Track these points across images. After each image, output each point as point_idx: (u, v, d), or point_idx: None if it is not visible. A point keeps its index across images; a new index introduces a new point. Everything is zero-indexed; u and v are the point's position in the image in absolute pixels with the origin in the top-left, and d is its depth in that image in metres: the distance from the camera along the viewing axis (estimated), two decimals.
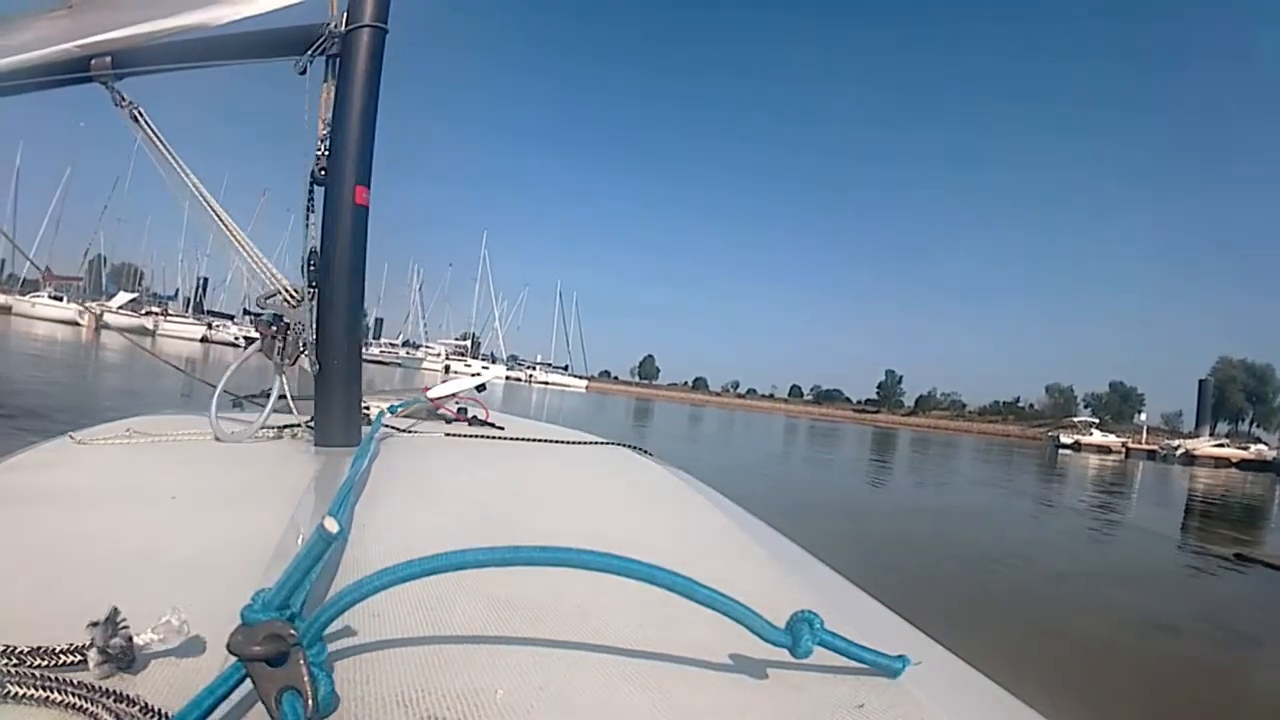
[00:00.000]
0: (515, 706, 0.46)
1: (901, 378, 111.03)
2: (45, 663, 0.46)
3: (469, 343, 70.01)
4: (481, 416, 1.89)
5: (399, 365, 51.61)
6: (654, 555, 0.51)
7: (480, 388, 2.11)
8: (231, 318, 54.18)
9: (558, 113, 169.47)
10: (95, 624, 0.46)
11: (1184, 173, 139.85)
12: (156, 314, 46.66)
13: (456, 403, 1.96)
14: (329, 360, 1.41)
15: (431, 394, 1.97)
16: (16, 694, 0.43)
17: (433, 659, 0.52)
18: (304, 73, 1.44)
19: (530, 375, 67.28)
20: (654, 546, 0.90)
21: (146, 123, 1.53)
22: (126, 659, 0.46)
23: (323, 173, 1.41)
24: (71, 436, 1.29)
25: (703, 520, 1.09)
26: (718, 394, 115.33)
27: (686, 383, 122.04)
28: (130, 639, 0.47)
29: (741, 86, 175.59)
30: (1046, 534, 9.05)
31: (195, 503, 0.95)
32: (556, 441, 1.63)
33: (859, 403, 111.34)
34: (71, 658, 0.47)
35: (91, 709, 0.42)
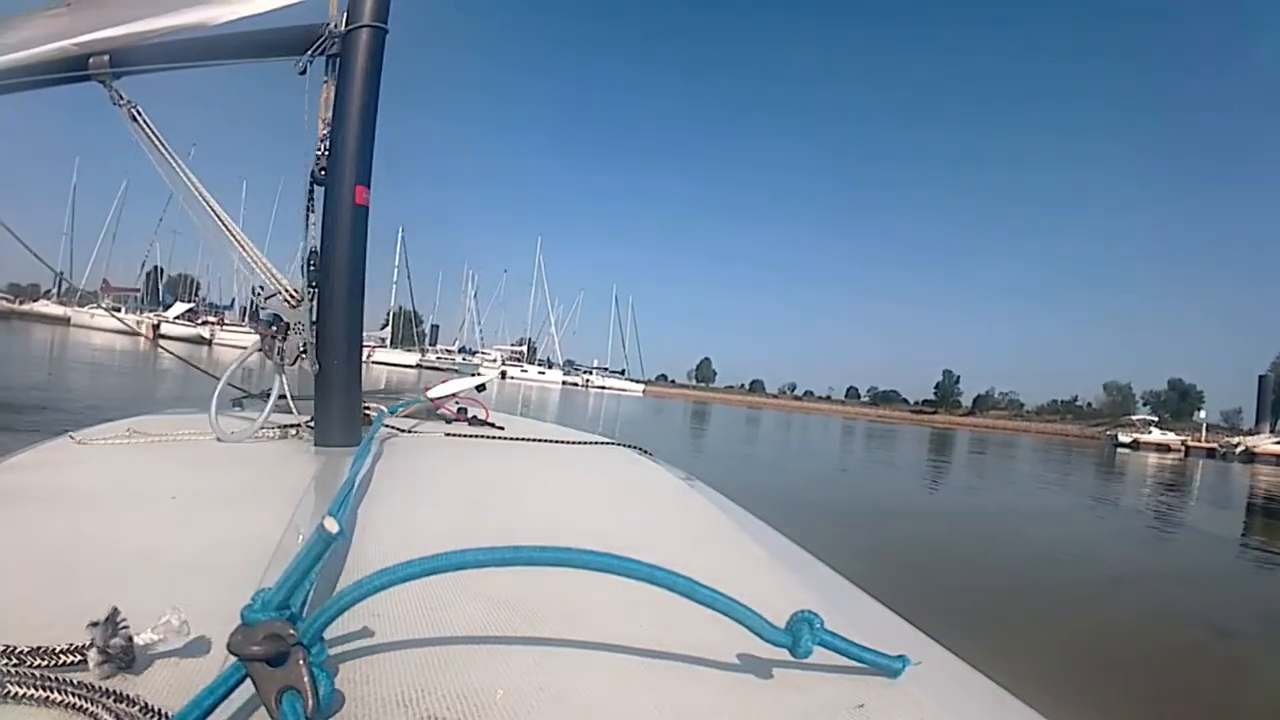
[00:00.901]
0: (515, 706, 0.46)
1: (959, 378, 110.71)
2: (45, 663, 0.46)
3: (525, 348, 70.51)
4: (481, 416, 1.89)
5: (455, 371, 51.86)
6: (654, 555, 0.51)
7: (480, 388, 2.11)
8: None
9: (610, 117, 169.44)
10: (95, 624, 0.46)
11: (1246, 166, 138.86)
12: (213, 323, 47.54)
13: (456, 403, 1.95)
14: (329, 360, 1.41)
15: (431, 394, 1.97)
16: (16, 694, 0.43)
17: (433, 659, 0.52)
18: (304, 73, 1.44)
19: (587, 380, 67.33)
20: (654, 546, 0.90)
21: (145, 122, 1.53)
22: (126, 659, 0.46)
23: (323, 172, 1.41)
24: (72, 436, 1.29)
25: (703, 520, 1.09)
26: (774, 396, 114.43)
27: (743, 385, 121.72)
28: (130, 639, 0.47)
29: (790, 91, 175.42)
30: (1103, 534, 8.87)
31: (195, 503, 0.95)
32: (557, 441, 1.63)
33: (916, 403, 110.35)
34: (71, 658, 0.47)
35: (91, 709, 0.42)
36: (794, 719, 0.49)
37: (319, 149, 1.42)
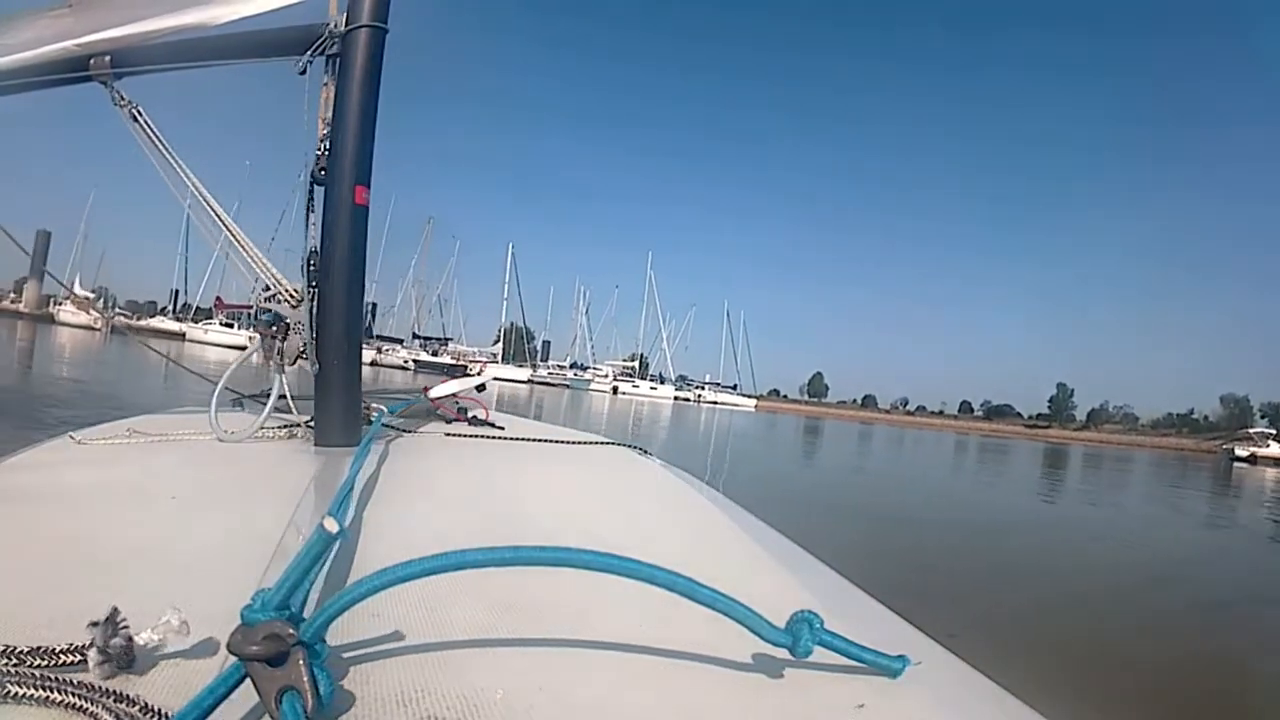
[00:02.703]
0: (515, 706, 0.46)
1: (1073, 391, 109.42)
2: (45, 663, 0.46)
3: (637, 363, 71.00)
4: (481, 416, 1.89)
5: (567, 387, 52.86)
6: (654, 555, 0.51)
7: (480, 388, 2.11)
8: (400, 341, 56.90)
9: (718, 134, 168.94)
10: (95, 624, 0.46)
11: None
12: None
13: (456, 403, 1.95)
14: (329, 360, 1.41)
15: (431, 394, 1.97)
16: (16, 694, 0.43)
17: (433, 659, 0.52)
18: (304, 73, 1.44)
19: (699, 395, 67.60)
20: (654, 547, 0.90)
21: (145, 123, 1.53)
22: (126, 659, 0.46)
23: (323, 172, 1.41)
24: (72, 436, 1.29)
25: (703, 520, 1.09)
26: (886, 411, 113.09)
27: (855, 400, 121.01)
28: (130, 639, 0.47)
29: (906, 105, 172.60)
30: (1214, 555, 8.41)
31: (195, 502, 0.95)
32: (557, 441, 1.63)
33: (1030, 418, 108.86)
34: (71, 658, 0.47)
35: (91, 709, 0.42)
36: (794, 719, 0.49)
37: (319, 149, 1.42)
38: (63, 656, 0.47)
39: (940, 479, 15.11)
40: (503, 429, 1.75)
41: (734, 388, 75.15)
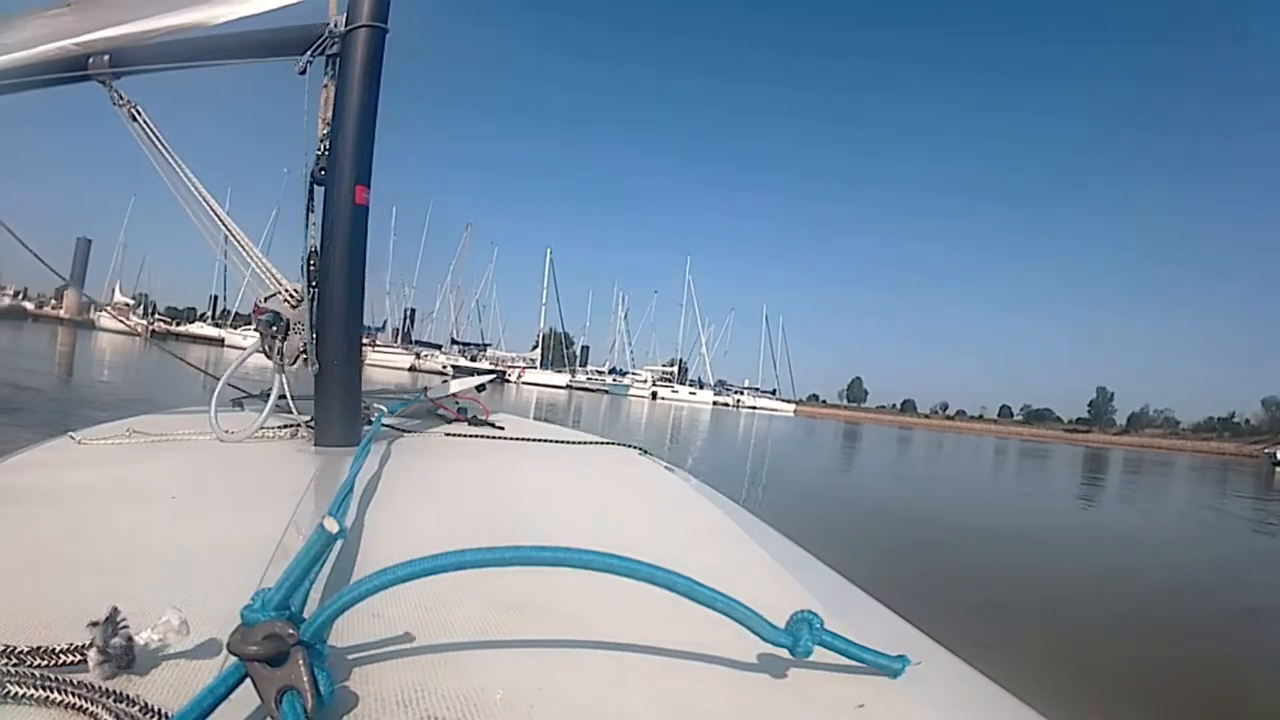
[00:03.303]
0: (515, 706, 0.46)
1: (1113, 395, 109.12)
2: (45, 663, 0.46)
3: (676, 368, 71.18)
4: (481, 416, 1.89)
5: (605, 392, 52.78)
6: (654, 555, 0.51)
7: (480, 388, 2.11)
8: (439, 347, 56.92)
9: (757, 139, 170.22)
10: (95, 624, 0.46)
11: None
12: (365, 344, 48.68)
13: (456, 403, 1.95)
14: (328, 360, 1.41)
15: (431, 394, 1.97)
16: (16, 694, 0.43)
17: (433, 659, 0.52)
18: (304, 72, 1.44)
19: (738, 400, 67.74)
20: (654, 547, 0.90)
21: (145, 122, 1.53)
22: (126, 659, 0.46)
23: (323, 172, 1.41)
24: (72, 436, 1.29)
25: (703, 520, 1.09)
26: (926, 416, 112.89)
27: (895, 405, 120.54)
28: (130, 639, 0.47)
29: (945, 110, 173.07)
30: (1251, 561, 8.22)
31: (195, 503, 0.95)
32: (556, 441, 1.63)
33: (1070, 422, 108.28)
34: (71, 658, 0.46)
35: (91, 709, 0.42)
36: (794, 719, 0.49)
37: (319, 149, 1.42)
38: (63, 656, 0.47)
39: (982, 486, 14.77)
40: (503, 429, 1.75)
41: (773, 392, 75.46)
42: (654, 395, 58.38)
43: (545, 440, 1.64)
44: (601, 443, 1.67)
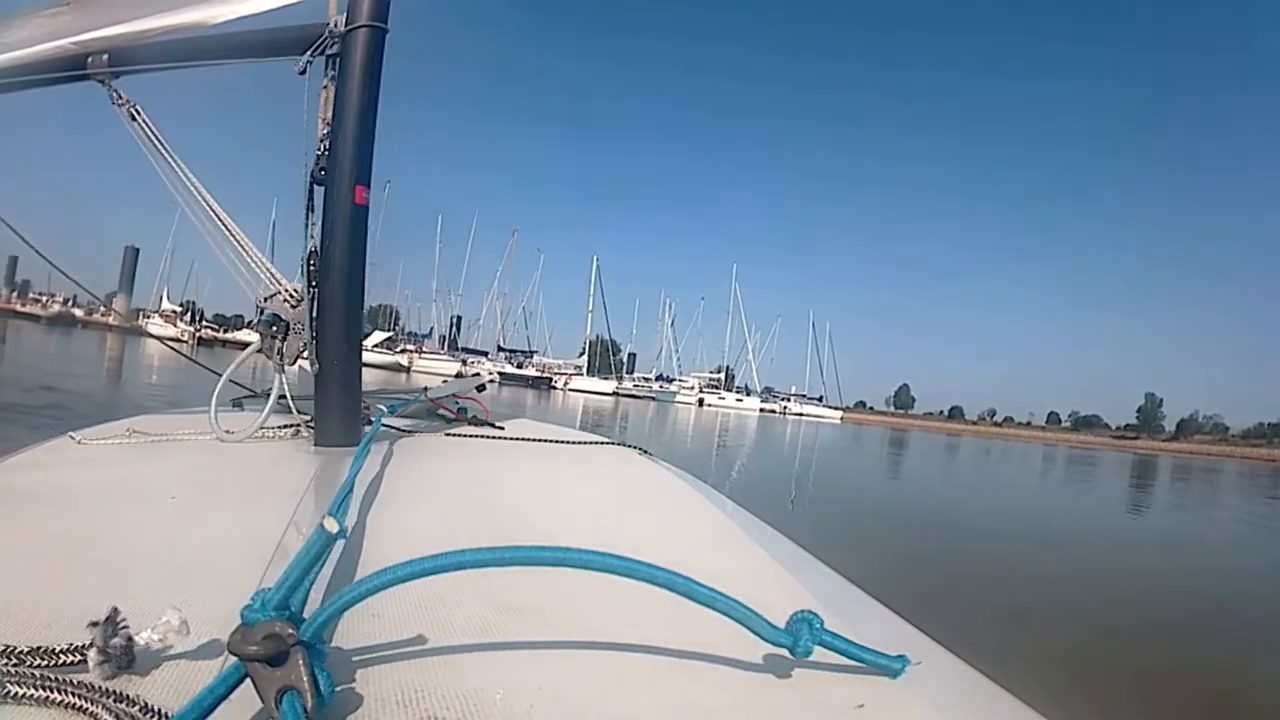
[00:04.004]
0: (515, 707, 0.46)
1: (1161, 400, 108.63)
2: (45, 663, 0.46)
3: (723, 375, 71.59)
4: (481, 416, 1.89)
5: (652, 399, 53.11)
6: (654, 555, 0.51)
7: (480, 388, 2.11)
8: (485, 354, 57.41)
9: (803, 147, 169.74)
10: (95, 624, 0.46)
11: None
12: (410, 351, 50.02)
13: (456, 403, 1.95)
14: (328, 360, 1.41)
15: (431, 394, 1.97)
16: (16, 694, 0.43)
17: (433, 659, 0.52)
18: (304, 72, 1.44)
19: (784, 407, 67.85)
20: (654, 546, 0.90)
21: (144, 121, 1.53)
22: (126, 659, 0.46)
23: (323, 172, 1.41)
24: (72, 436, 1.29)
25: (703, 520, 1.09)
26: (974, 423, 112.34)
27: (942, 412, 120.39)
28: (130, 639, 0.47)
29: (996, 117, 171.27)
30: None
31: (195, 503, 0.95)
32: (556, 441, 1.63)
33: (1118, 428, 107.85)
34: (71, 658, 0.46)
35: (91, 709, 0.42)
36: (794, 719, 0.49)
37: (319, 149, 1.42)
38: (63, 656, 0.47)
39: (1035, 500, 14.21)
40: (503, 429, 1.75)
41: (819, 399, 75.90)
42: (701, 402, 58.55)
43: (545, 440, 1.64)
44: (602, 443, 1.67)
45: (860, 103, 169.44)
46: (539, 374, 53.20)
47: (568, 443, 1.63)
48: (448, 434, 1.66)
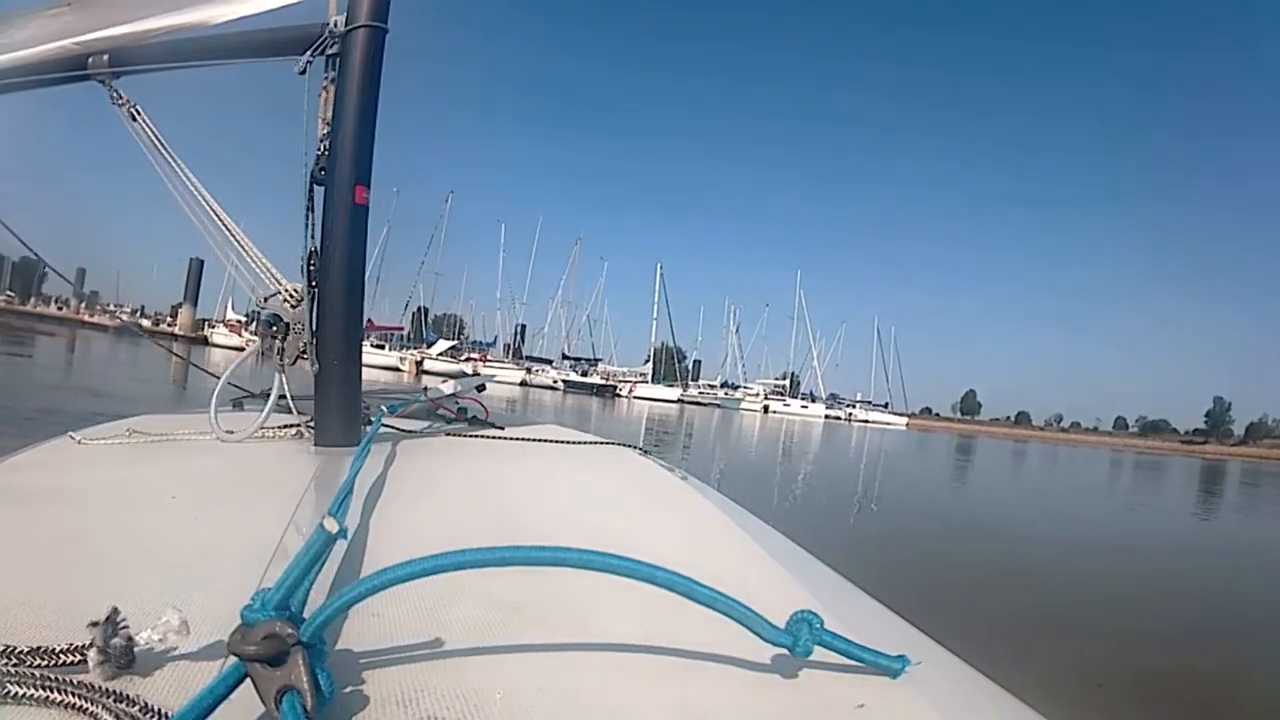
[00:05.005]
0: (515, 707, 0.46)
1: (1230, 404, 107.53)
2: (45, 663, 0.46)
3: (788, 382, 71.41)
4: (481, 417, 1.89)
5: (717, 406, 53.01)
6: (654, 555, 0.51)
7: (480, 387, 2.11)
8: (550, 362, 57.52)
9: (868, 153, 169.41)
10: (95, 624, 0.46)
11: None
12: (475, 359, 50.16)
13: (456, 403, 1.95)
14: (328, 360, 1.41)
15: (431, 394, 1.97)
16: (16, 694, 0.43)
17: (433, 659, 0.52)
18: (303, 72, 1.44)
19: (850, 414, 67.54)
20: (654, 546, 0.90)
21: (145, 121, 1.53)
22: (126, 659, 0.46)
23: (323, 172, 1.41)
24: (72, 436, 1.29)
25: (703, 520, 1.09)
26: (1040, 429, 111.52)
27: (1009, 417, 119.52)
28: (130, 639, 0.47)
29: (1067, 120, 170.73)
30: None
31: (195, 503, 0.95)
32: (557, 441, 1.63)
33: (1186, 433, 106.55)
34: (71, 658, 0.46)
35: (91, 709, 0.42)
36: (794, 719, 0.49)
37: (319, 149, 1.42)
38: (63, 656, 0.47)
39: (1109, 514, 13.62)
40: (503, 429, 1.75)
41: (885, 406, 75.17)
42: (766, 409, 58.33)
43: (545, 440, 1.64)
44: (602, 443, 1.67)
45: (925, 109, 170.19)
46: (604, 382, 52.96)
47: (568, 443, 1.63)
48: (448, 434, 1.66)
